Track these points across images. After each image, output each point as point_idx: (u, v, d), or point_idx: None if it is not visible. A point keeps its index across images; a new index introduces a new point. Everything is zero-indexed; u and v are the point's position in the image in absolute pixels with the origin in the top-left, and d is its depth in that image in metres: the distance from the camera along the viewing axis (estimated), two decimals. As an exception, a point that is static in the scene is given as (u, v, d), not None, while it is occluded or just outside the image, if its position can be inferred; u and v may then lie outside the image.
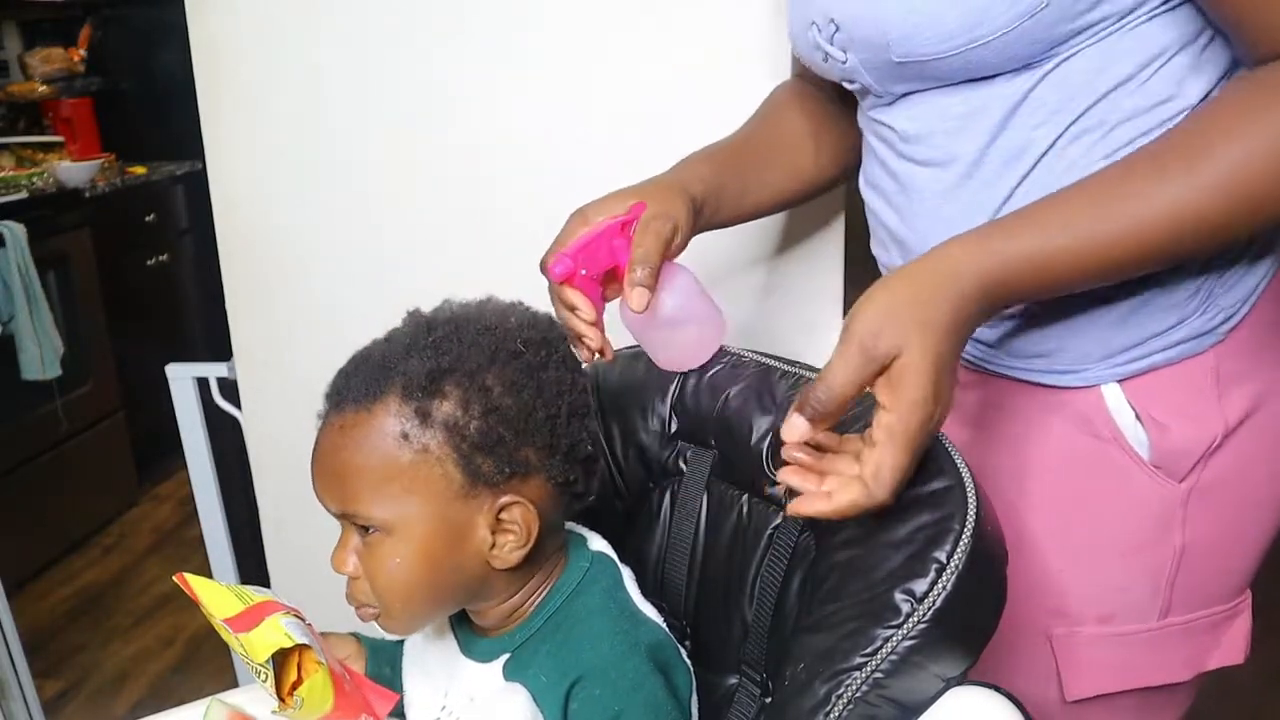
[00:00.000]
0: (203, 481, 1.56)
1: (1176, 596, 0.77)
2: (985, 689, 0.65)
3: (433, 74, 1.18)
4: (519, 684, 0.69)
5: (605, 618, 0.70)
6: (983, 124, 0.72)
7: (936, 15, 0.68)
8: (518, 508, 0.67)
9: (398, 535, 0.66)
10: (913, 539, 0.64)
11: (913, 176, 0.78)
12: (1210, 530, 0.76)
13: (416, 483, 0.65)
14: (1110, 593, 0.78)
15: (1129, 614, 0.78)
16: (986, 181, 0.74)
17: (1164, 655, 0.79)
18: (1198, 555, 0.76)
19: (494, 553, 0.67)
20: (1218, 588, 0.79)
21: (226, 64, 1.22)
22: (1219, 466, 0.75)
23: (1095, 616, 0.78)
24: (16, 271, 2.42)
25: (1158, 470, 0.75)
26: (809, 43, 0.81)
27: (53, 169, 2.82)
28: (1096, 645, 0.78)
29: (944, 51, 0.69)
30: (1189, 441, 0.74)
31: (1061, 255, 0.64)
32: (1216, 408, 0.73)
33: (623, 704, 0.66)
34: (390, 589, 0.67)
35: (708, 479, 0.84)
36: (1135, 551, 0.77)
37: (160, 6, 3.08)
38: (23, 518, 2.53)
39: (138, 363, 2.82)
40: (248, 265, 1.29)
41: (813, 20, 0.79)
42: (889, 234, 0.83)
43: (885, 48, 0.72)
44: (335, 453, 0.66)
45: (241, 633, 0.67)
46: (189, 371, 1.48)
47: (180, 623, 2.36)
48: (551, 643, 0.70)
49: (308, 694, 0.69)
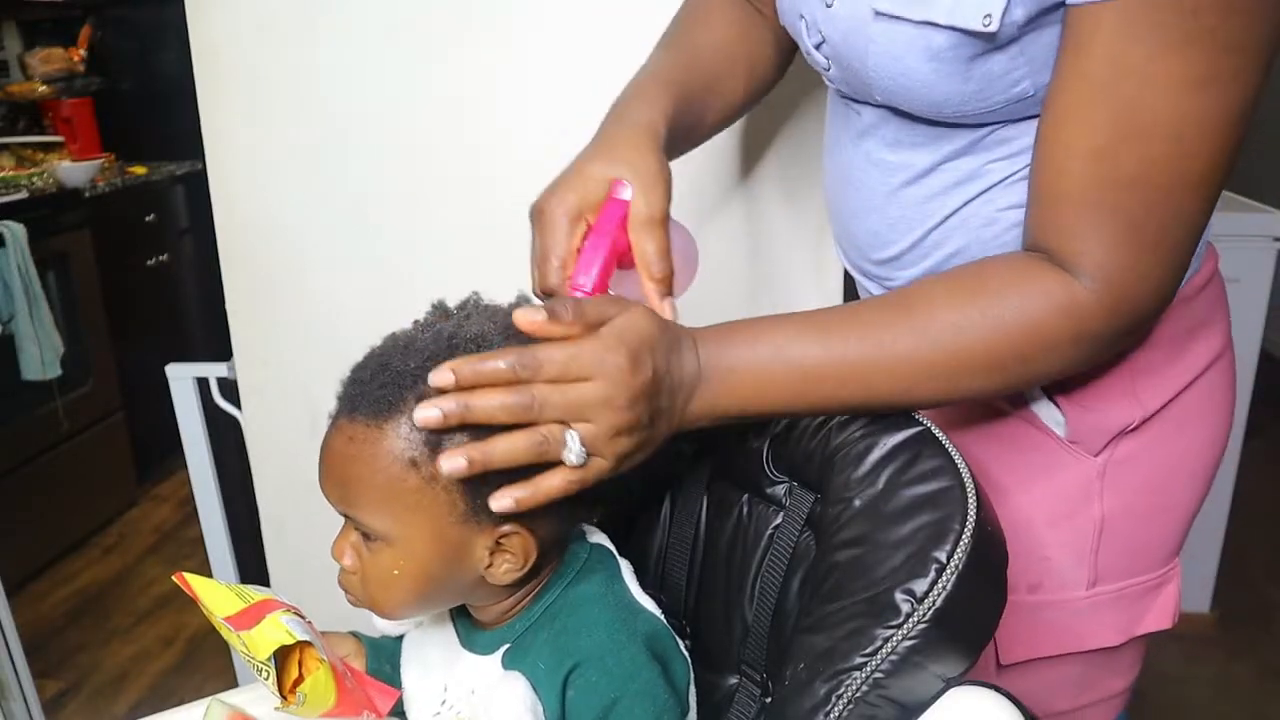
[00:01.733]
0: (203, 481, 1.56)
1: (1103, 565, 0.80)
2: (985, 689, 0.65)
3: (433, 73, 1.18)
4: (518, 672, 0.69)
5: (603, 606, 0.70)
6: (944, 148, 0.74)
7: (925, 85, 0.69)
8: (517, 537, 0.67)
9: (397, 548, 0.66)
10: (913, 539, 0.64)
11: (862, 169, 0.80)
12: (1130, 501, 0.79)
13: (420, 506, 0.65)
14: (1037, 562, 0.81)
15: (1056, 583, 0.81)
16: (933, 194, 0.76)
17: (1095, 622, 0.82)
18: (1119, 525, 0.80)
19: (489, 571, 0.68)
20: (1145, 557, 0.82)
21: (226, 64, 1.22)
22: (1136, 443, 0.79)
23: (1025, 585, 0.81)
24: (16, 271, 2.42)
25: (1073, 445, 0.78)
26: (795, 28, 0.80)
27: (53, 169, 2.82)
28: (1026, 612, 0.81)
29: (930, 113, 0.71)
30: (1103, 420, 0.77)
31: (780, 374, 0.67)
32: (1131, 393, 0.77)
33: (619, 691, 0.66)
34: (383, 593, 0.68)
35: (708, 479, 0.84)
36: (1058, 522, 0.80)
37: (160, 6, 3.09)
38: (23, 518, 2.53)
39: (138, 363, 2.83)
40: (248, 265, 1.30)
41: (802, 14, 0.78)
42: (835, 209, 0.86)
43: (868, 88, 0.73)
44: (342, 460, 0.66)
45: (243, 630, 0.67)
46: (189, 371, 1.48)
47: (180, 623, 2.36)
48: (549, 630, 0.70)
49: (310, 690, 0.69)
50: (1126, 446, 0.79)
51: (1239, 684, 1.90)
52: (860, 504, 0.67)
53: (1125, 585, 0.82)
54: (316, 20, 1.19)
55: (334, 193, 1.24)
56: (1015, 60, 0.66)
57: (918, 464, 0.67)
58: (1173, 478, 0.81)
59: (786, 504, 0.77)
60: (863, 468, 0.68)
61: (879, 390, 0.68)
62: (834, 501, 0.69)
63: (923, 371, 0.67)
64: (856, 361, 0.67)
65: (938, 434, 0.68)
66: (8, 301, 2.43)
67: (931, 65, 0.67)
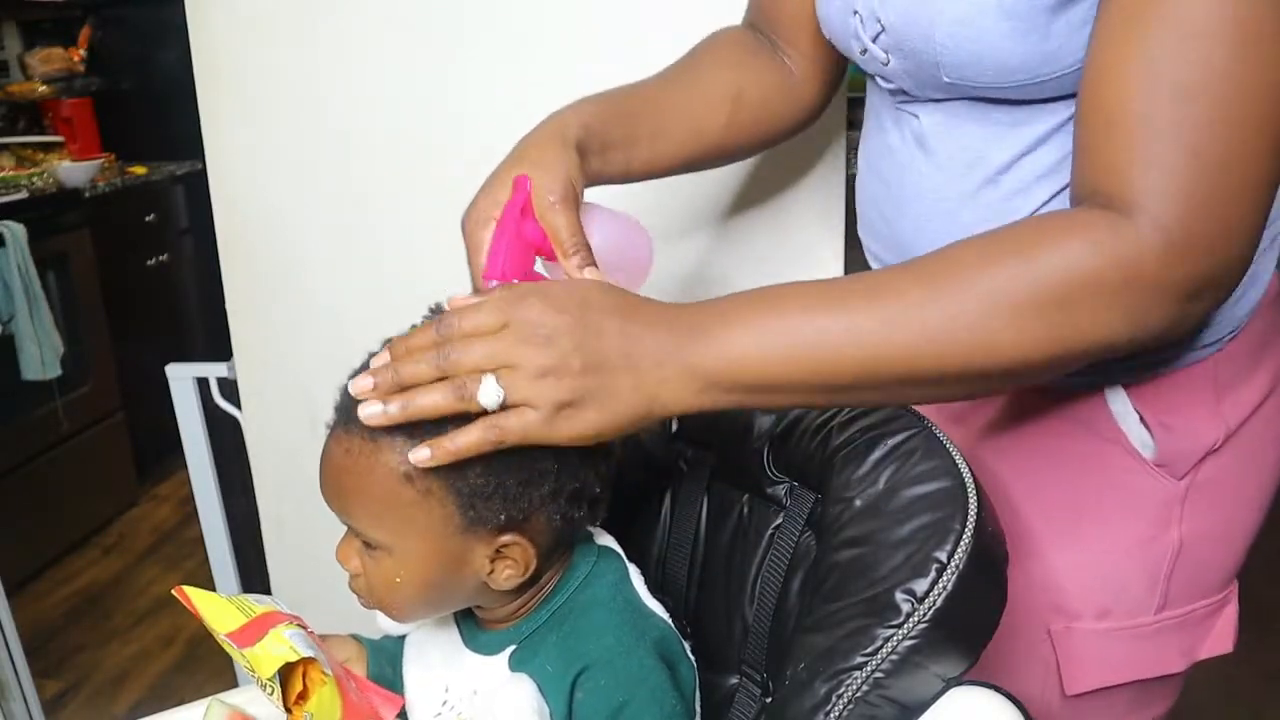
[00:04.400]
0: (203, 481, 1.56)
1: (1173, 590, 0.78)
2: (985, 689, 0.65)
3: (433, 74, 1.18)
4: (525, 674, 0.69)
5: (612, 609, 0.70)
6: (1024, 135, 0.69)
7: (998, 50, 0.64)
8: (517, 546, 0.67)
9: (397, 557, 0.66)
10: (913, 538, 0.64)
11: (926, 175, 0.75)
12: (1206, 525, 0.77)
13: (416, 518, 0.65)
14: (1109, 587, 0.78)
15: (1126, 608, 0.78)
16: (1014, 190, 0.70)
17: (1161, 648, 0.80)
18: (1194, 549, 0.77)
19: (491, 578, 0.68)
20: (1211, 580, 0.79)
21: (226, 64, 1.22)
22: (1217, 465, 0.75)
23: (1094, 611, 0.78)
24: (16, 271, 2.42)
25: (1158, 469, 0.75)
26: (846, 29, 0.76)
27: (53, 169, 2.82)
28: (1094, 639, 0.79)
29: (1001, 82, 0.66)
30: (1190, 442, 0.74)
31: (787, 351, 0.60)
32: (1216, 411, 0.74)
33: (628, 695, 0.66)
34: (389, 598, 0.68)
35: (708, 480, 0.84)
36: (1135, 547, 0.77)
37: (160, 6, 3.08)
38: (23, 518, 2.53)
39: (138, 363, 2.82)
40: (248, 265, 1.29)
41: (856, 9, 0.74)
42: (884, 223, 0.80)
43: (935, 66, 0.68)
44: (340, 472, 0.66)
45: (246, 648, 0.67)
46: (189, 371, 1.48)
47: (180, 623, 2.36)
48: (558, 633, 0.70)
49: (316, 708, 0.69)
50: (1209, 468, 0.75)
51: (1240, 686, 1.90)
52: (861, 503, 0.67)
53: (1190, 609, 0.79)
54: (316, 20, 1.19)
55: (334, 193, 1.24)
56: (1094, 8, 0.60)
57: (919, 463, 0.67)
58: (1245, 498, 0.78)
59: (787, 504, 0.77)
60: (864, 467, 0.68)
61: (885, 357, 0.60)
62: (835, 501, 0.69)
63: (948, 336, 0.58)
64: (870, 333, 0.59)
65: (939, 434, 0.68)
66: (8, 301, 2.43)
67: (1009, 24, 0.62)
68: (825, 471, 0.71)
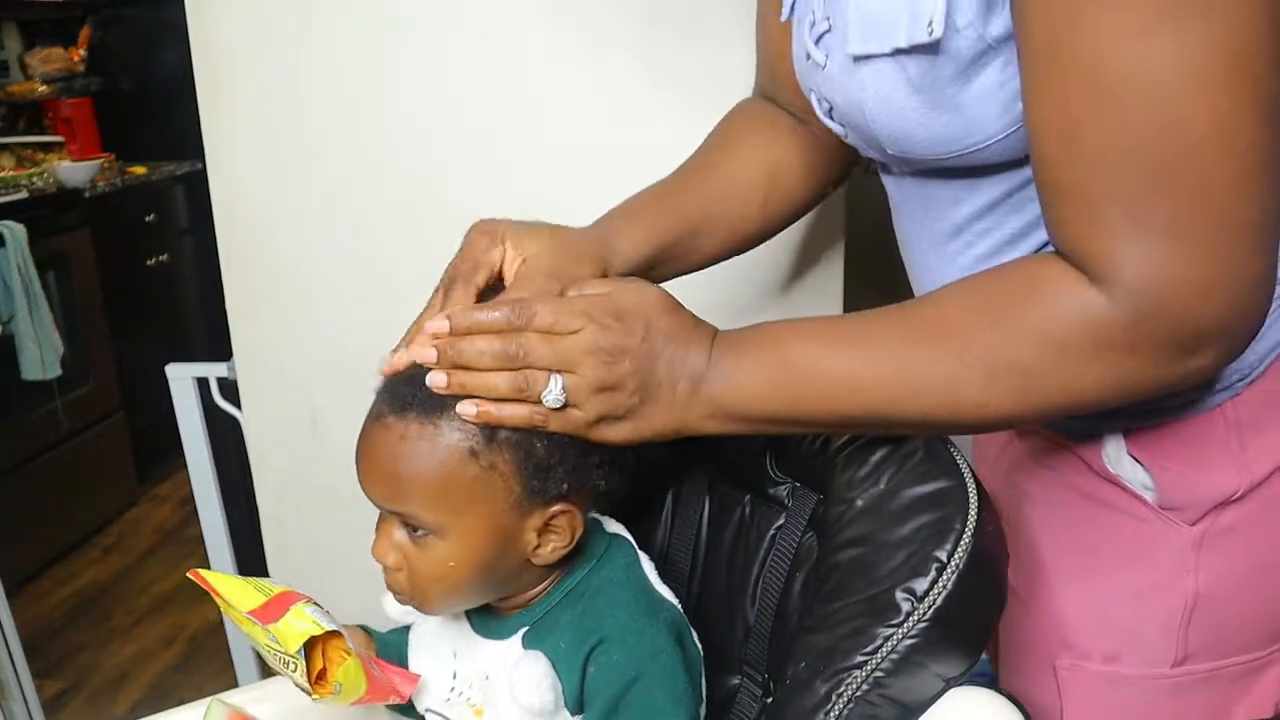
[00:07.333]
0: (203, 481, 1.56)
1: (1193, 643, 0.73)
2: (985, 689, 0.65)
3: (433, 74, 1.18)
4: (539, 651, 0.70)
5: (625, 589, 0.72)
6: (982, 198, 0.69)
7: (920, 125, 0.64)
8: (565, 515, 0.68)
9: (451, 540, 0.67)
10: (914, 538, 0.64)
11: (909, 226, 0.78)
12: (1230, 575, 0.72)
13: (477, 495, 0.66)
14: (1118, 632, 0.75)
15: (1138, 656, 0.74)
16: (987, 254, 0.71)
17: (1181, 704, 0.75)
18: (1216, 600, 0.72)
19: (537, 552, 0.69)
20: (1243, 636, 0.74)
21: (226, 64, 1.22)
22: (1240, 513, 0.71)
23: (1102, 654, 0.75)
24: (16, 271, 2.42)
25: (1167, 513, 0.72)
26: (808, 101, 0.77)
27: (53, 169, 2.82)
28: (1100, 683, 0.76)
29: (939, 154, 0.65)
30: (1202, 487, 0.71)
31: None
32: (1238, 457, 0.70)
33: (639, 669, 0.67)
34: (435, 585, 0.69)
35: (710, 480, 0.84)
36: (1145, 593, 0.73)
37: (160, 6, 3.09)
38: (23, 518, 2.53)
39: (138, 363, 2.83)
40: (248, 265, 1.29)
41: (811, 89, 0.75)
42: (905, 255, 0.81)
43: (878, 143, 0.69)
44: (394, 459, 0.66)
45: (270, 624, 0.67)
46: (189, 371, 1.48)
47: (180, 623, 2.36)
48: (572, 612, 0.71)
49: (344, 679, 0.70)
50: (1229, 516, 0.70)
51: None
52: (862, 504, 0.67)
53: (1218, 666, 0.73)
54: (316, 20, 1.19)
55: (334, 193, 1.24)
56: (1007, 71, 0.59)
57: (920, 463, 0.67)
58: None
59: (789, 505, 0.77)
60: (865, 467, 0.68)
61: (872, 406, 0.63)
62: (836, 501, 0.69)
63: (929, 388, 0.61)
64: (859, 378, 0.63)
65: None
66: (8, 301, 2.43)
67: (918, 99, 0.62)
68: (827, 472, 0.71)
